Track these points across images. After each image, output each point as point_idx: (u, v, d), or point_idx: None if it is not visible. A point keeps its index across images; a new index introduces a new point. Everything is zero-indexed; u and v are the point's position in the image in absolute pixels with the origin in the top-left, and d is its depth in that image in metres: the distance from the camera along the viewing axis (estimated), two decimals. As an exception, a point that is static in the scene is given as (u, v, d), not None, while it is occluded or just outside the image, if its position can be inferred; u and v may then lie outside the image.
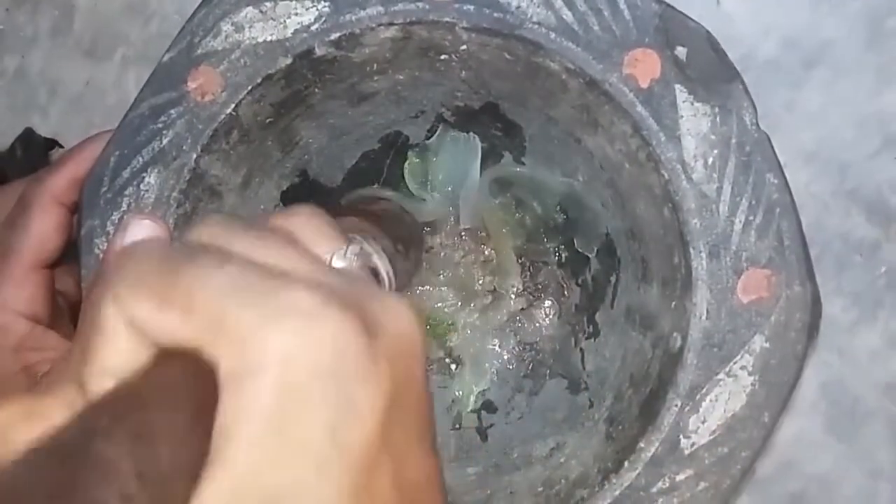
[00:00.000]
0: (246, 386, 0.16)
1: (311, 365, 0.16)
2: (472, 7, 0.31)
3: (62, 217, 0.33)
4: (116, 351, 0.17)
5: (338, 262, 0.21)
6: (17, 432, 0.16)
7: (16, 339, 0.32)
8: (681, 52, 0.30)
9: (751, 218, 0.30)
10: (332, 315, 0.16)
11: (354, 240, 0.22)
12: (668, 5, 0.30)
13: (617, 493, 0.30)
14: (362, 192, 0.40)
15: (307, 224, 0.21)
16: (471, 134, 0.39)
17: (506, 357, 0.42)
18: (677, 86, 0.30)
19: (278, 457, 0.16)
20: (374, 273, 0.24)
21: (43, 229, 0.32)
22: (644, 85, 0.30)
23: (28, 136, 0.46)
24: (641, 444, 0.30)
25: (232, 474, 0.15)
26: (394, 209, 0.39)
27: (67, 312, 0.33)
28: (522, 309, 0.42)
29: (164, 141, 0.32)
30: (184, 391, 0.16)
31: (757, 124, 0.30)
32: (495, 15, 0.31)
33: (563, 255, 0.41)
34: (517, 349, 0.42)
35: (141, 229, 0.32)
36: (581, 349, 0.40)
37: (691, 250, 0.30)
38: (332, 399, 0.16)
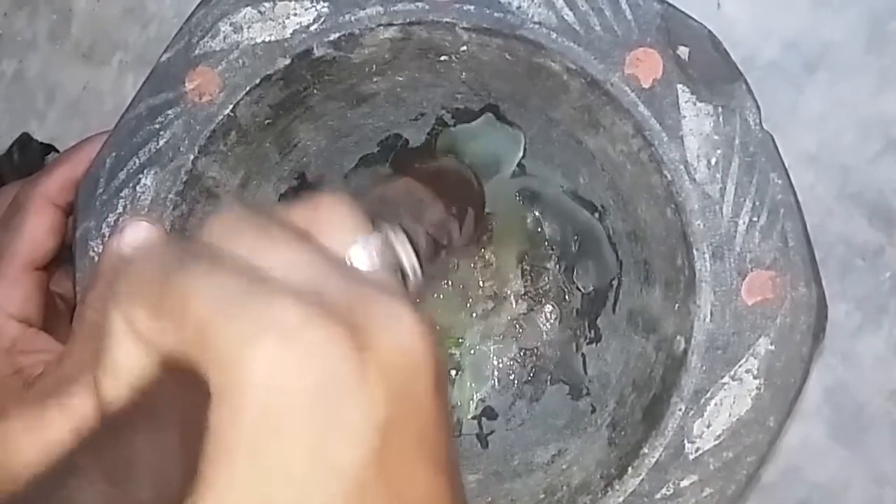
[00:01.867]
0: (229, 407, 0.15)
1: (293, 385, 0.15)
2: (472, 7, 0.31)
3: (56, 219, 0.33)
4: (124, 355, 0.16)
5: (358, 258, 0.19)
6: (21, 444, 0.16)
7: (8, 342, 0.31)
8: (683, 51, 0.30)
9: (755, 219, 0.29)
10: (316, 330, 0.15)
11: (380, 231, 0.20)
12: (670, 5, 0.30)
13: (620, 499, 0.30)
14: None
15: (328, 215, 0.20)
16: (516, 128, 0.38)
17: (506, 363, 0.41)
18: (679, 86, 0.30)
19: (262, 486, 0.15)
20: (400, 268, 0.23)
21: (36, 231, 0.32)
22: (646, 85, 0.30)
23: (25, 140, 0.45)
24: (645, 450, 0.30)
25: None
26: (452, 166, 0.37)
27: (67, 314, 0.33)
28: (523, 314, 0.42)
29: (161, 142, 0.32)
30: (174, 409, 0.16)
31: (760, 124, 0.30)
32: (496, 15, 0.31)
33: (564, 264, 0.41)
34: (518, 354, 0.41)
35: (137, 231, 0.32)
36: (583, 354, 0.40)
37: (694, 252, 0.30)
38: (317, 420, 0.15)
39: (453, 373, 0.42)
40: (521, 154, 0.38)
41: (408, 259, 0.22)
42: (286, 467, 0.15)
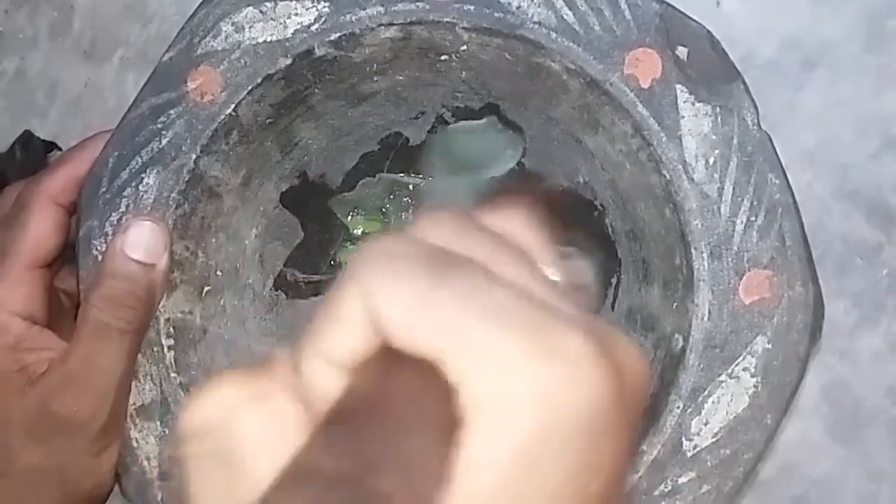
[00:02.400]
0: (500, 418, 0.15)
1: (572, 413, 0.15)
2: (472, 7, 0.31)
3: (59, 217, 0.33)
4: (348, 342, 0.16)
5: (551, 275, 0.19)
6: (244, 412, 0.16)
7: (12, 339, 0.31)
8: (682, 52, 0.30)
9: (752, 218, 0.29)
10: (601, 366, 0.16)
11: (567, 253, 0.20)
12: (669, 5, 0.30)
13: (618, 495, 0.30)
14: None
15: (523, 229, 0.19)
16: (517, 132, 0.38)
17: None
18: (678, 86, 0.30)
19: (524, 496, 0.15)
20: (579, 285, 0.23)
21: (40, 229, 0.32)
22: (645, 85, 0.30)
23: (27, 138, 0.46)
24: (643, 447, 0.30)
25: None
26: (575, 197, 0.37)
27: (72, 311, 0.33)
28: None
29: (164, 141, 0.32)
30: (428, 406, 0.15)
31: (758, 124, 0.30)
32: (496, 15, 0.31)
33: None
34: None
35: (141, 231, 0.32)
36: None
37: (693, 251, 0.30)
38: (585, 448, 0.16)
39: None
40: (519, 156, 0.38)
41: (588, 278, 0.22)
42: (551, 485, 0.15)
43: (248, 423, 0.16)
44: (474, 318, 0.16)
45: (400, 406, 0.15)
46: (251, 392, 0.16)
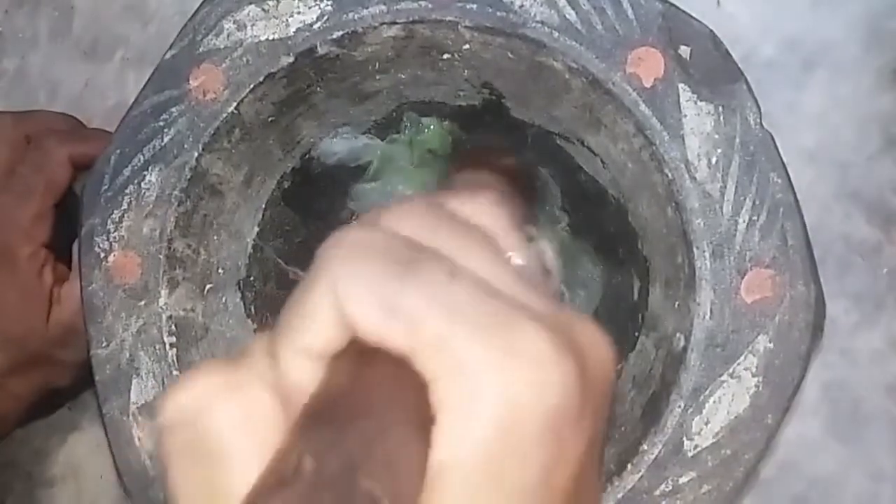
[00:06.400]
0: (468, 416, 0.15)
1: (538, 410, 0.16)
2: (475, 6, 0.31)
3: (71, 172, 0.38)
4: (318, 336, 0.16)
5: (516, 260, 0.19)
6: (220, 403, 0.16)
7: (38, 265, 0.37)
8: (684, 51, 0.30)
9: (755, 218, 0.30)
10: (565, 363, 0.16)
11: (531, 237, 0.20)
12: (672, 4, 0.30)
13: (620, 495, 0.30)
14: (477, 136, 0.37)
15: (490, 216, 0.20)
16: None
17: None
18: (681, 85, 0.30)
19: (493, 495, 0.15)
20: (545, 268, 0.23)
21: (59, 175, 0.38)
22: (647, 84, 0.30)
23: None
24: (644, 447, 0.30)
25: None
26: (521, 167, 0.37)
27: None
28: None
29: (166, 139, 0.32)
30: (405, 401, 0.15)
31: (761, 124, 0.30)
32: (498, 14, 0.31)
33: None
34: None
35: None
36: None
37: (695, 250, 0.30)
38: (550, 445, 0.16)
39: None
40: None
41: (551, 261, 0.22)
42: (518, 482, 0.16)
43: (225, 415, 0.16)
44: (440, 316, 0.16)
45: (379, 401, 0.15)
46: (228, 383, 0.16)
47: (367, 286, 0.16)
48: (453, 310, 0.16)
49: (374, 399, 0.15)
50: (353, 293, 0.16)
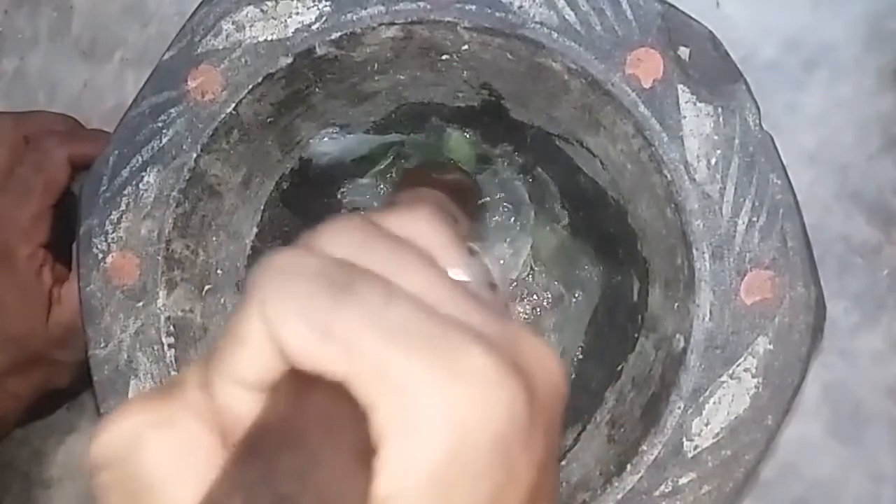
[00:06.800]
0: (412, 442, 0.15)
1: (484, 432, 0.15)
2: (473, 7, 0.31)
3: (69, 171, 0.38)
4: (253, 364, 0.16)
5: (459, 277, 0.19)
6: (150, 438, 0.15)
7: (37, 265, 0.37)
8: (683, 52, 0.30)
9: (754, 219, 0.29)
10: (511, 384, 0.16)
11: (473, 251, 0.20)
12: (671, 5, 0.30)
13: (619, 496, 0.30)
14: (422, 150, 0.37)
15: (429, 232, 0.19)
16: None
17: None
18: (680, 86, 0.30)
19: None
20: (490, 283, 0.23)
21: (58, 175, 0.37)
22: (647, 85, 0.30)
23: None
24: (644, 447, 0.30)
25: None
26: (464, 182, 0.37)
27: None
28: (523, 313, 0.42)
29: (164, 140, 0.32)
30: (342, 431, 0.15)
31: (760, 125, 0.30)
32: (497, 15, 0.31)
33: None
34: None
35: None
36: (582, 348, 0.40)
37: (694, 251, 0.30)
38: (499, 467, 0.15)
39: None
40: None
41: (497, 274, 0.22)
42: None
43: (157, 452, 0.15)
44: (376, 340, 0.15)
45: (314, 432, 0.15)
46: (159, 417, 0.16)
47: (299, 309, 0.15)
48: (391, 331, 0.15)
49: (308, 429, 0.15)
50: (284, 317, 0.15)
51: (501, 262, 0.26)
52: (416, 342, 0.15)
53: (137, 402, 0.16)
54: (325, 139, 0.37)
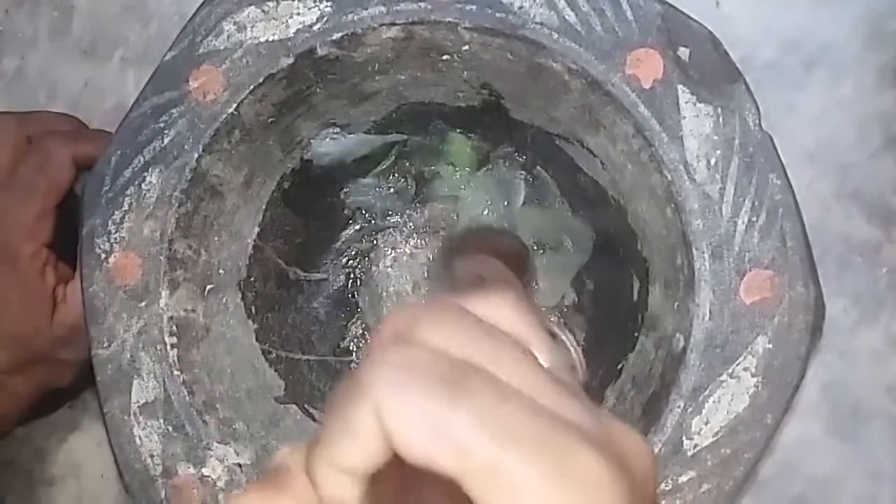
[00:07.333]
0: None
1: None
2: (474, 7, 0.31)
3: (74, 171, 0.38)
4: (361, 455, 0.17)
5: (547, 362, 0.19)
6: None
7: (41, 265, 0.37)
8: (683, 52, 0.30)
9: (754, 219, 0.30)
10: (619, 484, 0.16)
11: (555, 334, 0.20)
12: (671, 6, 0.30)
13: (619, 494, 0.30)
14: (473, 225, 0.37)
15: (517, 319, 0.19)
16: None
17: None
18: (680, 86, 0.30)
19: None
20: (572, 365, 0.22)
21: (63, 176, 0.37)
22: (646, 85, 0.30)
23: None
24: (644, 446, 0.30)
25: None
26: (522, 252, 0.37)
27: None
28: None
29: (166, 140, 0.32)
30: None
31: (760, 125, 0.30)
32: (498, 15, 0.31)
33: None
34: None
35: None
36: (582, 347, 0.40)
37: (694, 251, 0.30)
38: None
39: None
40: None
41: (577, 356, 0.22)
42: None
43: None
44: (491, 440, 0.16)
45: None
46: None
47: (416, 407, 0.16)
48: (504, 432, 0.16)
49: None
50: (401, 415, 0.16)
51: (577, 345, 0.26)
52: (528, 443, 0.16)
53: (252, 492, 0.17)
54: (327, 139, 0.37)
